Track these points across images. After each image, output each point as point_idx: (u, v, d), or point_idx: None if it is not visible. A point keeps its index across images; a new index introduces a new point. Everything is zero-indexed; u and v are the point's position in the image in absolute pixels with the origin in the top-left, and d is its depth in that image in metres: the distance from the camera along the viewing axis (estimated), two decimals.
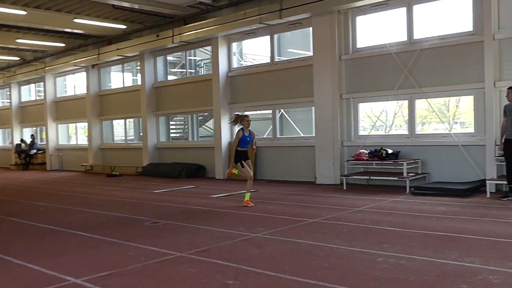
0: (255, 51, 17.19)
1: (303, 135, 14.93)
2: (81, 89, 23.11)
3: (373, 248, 5.93)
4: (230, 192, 12.03)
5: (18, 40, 19.42)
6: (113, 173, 19.20)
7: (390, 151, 12.01)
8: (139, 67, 19.52)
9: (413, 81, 11.99)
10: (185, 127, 19.32)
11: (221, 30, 15.28)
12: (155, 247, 6.33)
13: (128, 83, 21.27)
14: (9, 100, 27.65)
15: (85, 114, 22.04)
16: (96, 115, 21.85)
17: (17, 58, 24.14)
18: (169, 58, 19.60)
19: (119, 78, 21.60)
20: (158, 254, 5.94)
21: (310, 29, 13.84)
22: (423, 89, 11.89)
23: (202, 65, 19.19)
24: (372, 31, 12.95)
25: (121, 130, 21.95)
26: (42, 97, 25.17)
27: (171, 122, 19.78)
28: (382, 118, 13.54)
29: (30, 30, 19.05)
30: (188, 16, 16.31)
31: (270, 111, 15.51)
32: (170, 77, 19.68)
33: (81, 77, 22.98)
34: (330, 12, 12.97)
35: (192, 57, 19.00)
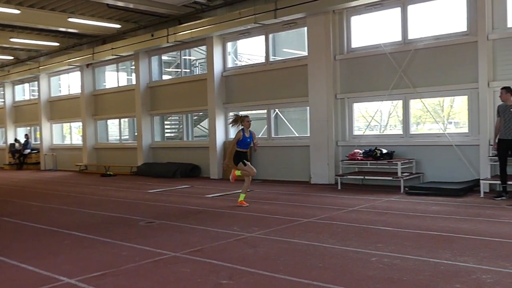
0: (250, 50, 17.19)
1: (298, 135, 14.94)
2: (76, 89, 23.03)
3: (367, 247, 5.94)
4: (225, 192, 12.02)
5: (12, 39, 19.34)
6: (108, 173, 19.15)
7: (384, 151, 12.04)
8: (133, 67, 19.49)
9: (408, 81, 12.03)
10: (180, 126, 19.29)
11: (216, 29, 15.26)
12: (149, 247, 6.32)
13: (123, 82, 21.22)
14: (2, 100, 27.51)
15: (80, 114, 21.97)
16: (91, 115, 21.79)
17: (11, 57, 24.02)
18: (164, 57, 19.57)
19: (113, 78, 21.55)
20: (152, 254, 5.92)
21: (305, 29, 13.84)
22: (418, 89, 11.93)
23: (197, 65, 19.16)
24: (367, 31, 12.97)
25: (116, 130, 21.90)
26: (36, 96, 25.09)
27: (165, 122, 19.75)
28: (376, 118, 13.56)
29: (24, 29, 18.97)
30: (183, 15, 16.28)
31: (265, 111, 15.51)
32: (165, 77, 19.64)
33: (75, 76, 22.92)
34: (325, 12, 12.99)
35: (187, 57, 18.98)
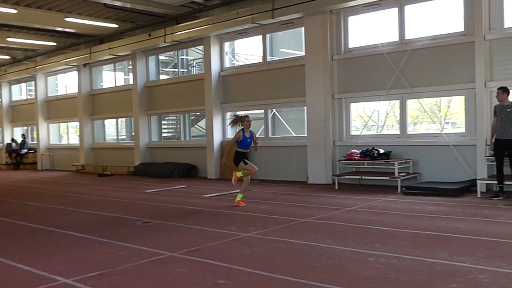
0: (248, 50, 17.18)
1: (295, 135, 14.95)
2: (73, 89, 22.99)
3: (364, 247, 5.94)
4: (222, 192, 12.02)
5: (9, 39, 19.29)
6: (105, 172, 19.12)
7: (381, 151, 12.05)
8: (131, 67, 19.46)
9: (405, 81, 12.04)
10: (177, 126, 19.27)
11: (213, 29, 15.26)
12: (146, 247, 6.31)
13: (120, 82, 21.18)
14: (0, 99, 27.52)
15: (77, 114, 21.93)
16: (88, 115, 21.75)
17: (8, 57, 23.96)
18: (161, 57, 19.54)
19: (111, 78, 21.51)
20: (149, 254, 5.92)
21: (302, 29, 13.83)
22: (415, 89, 11.94)
23: (194, 65, 19.15)
24: (364, 31, 12.98)
25: (113, 130, 21.87)
26: (33, 96, 25.02)
27: (163, 122, 19.72)
28: (374, 118, 13.58)
29: (20, 29, 18.91)
30: (180, 15, 16.26)
31: (262, 111, 15.51)
32: (162, 77, 19.62)
33: (72, 76, 22.87)
34: (322, 12, 12.99)
35: (184, 57, 18.97)
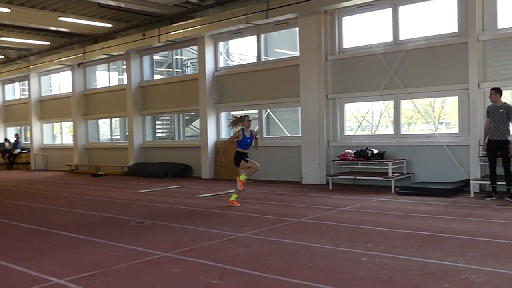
0: (242, 51, 17.18)
1: (289, 135, 14.96)
2: (66, 88, 22.89)
3: (357, 247, 5.96)
4: (216, 192, 12.01)
5: (2, 38, 19.21)
6: (99, 172, 19.07)
7: (375, 151, 12.08)
8: (125, 66, 19.40)
9: (399, 82, 12.07)
10: (171, 126, 19.24)
11: (207, 29, 15.24)
12: (140, 247, 6.30)
13: (114, 82, 21.12)
14: None
15: (71, 113, 21.85)
16: (82, 115, 21.67)
17: (1, 56, 23.87)
18: (156, 57, 19.50)
19: (105, 77, 21.46)
20: (142, 254, 5.90)
21: (297, 29, 13.86)
22: (409, 90, 11.98)
23: (189, 65, 19.12)
24: (358, 32, 13.02)
25: (107, 130, 21.82)
26: (27, 96, 24.90)
27: (157, 122, 19.68)
28: (368, 118, 13.61)
29: (14, 28, 18.82)
30: (174, 15, 16.24)
31: (256, 111, 15.50)
32: (157, 77, 19.59)
33: (66, 76, 22.78)
34: (316, 13, 13.01)
35: (179, 57, 18.94)
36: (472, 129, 10.91)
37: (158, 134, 19.77)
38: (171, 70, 18.79)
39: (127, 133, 19.61)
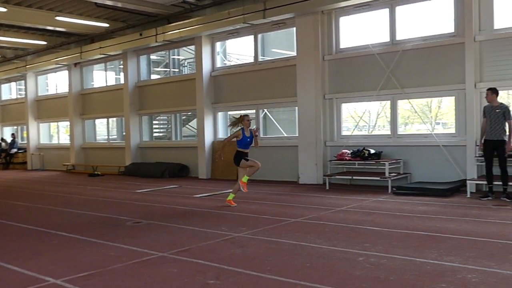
0: (239, 50, 17.18)
1: (286, 135, 14.97)
2: (63, 88, 22.85)
3: (354, 247, 5.96)
4: (213, 192, 12.01)
5: None
6: (95, 172, 19.03)
7: (372, 151, 12.10)
8: (122, 66, 19.38)
9: (396, 82, 12.09)
10: (168, 126, 19.22)
11: (204, 29, 15.23)
12: (136, 247, 6.29)
13: (111, 82, 21.09)
14: None
15: (67, 113, 21.81)
16: (78, 114, 21.64)
17: None
18: (153, 57, 19.49)
19: (101, 77, 21.42)
20: (139, 254, 5.90)
21: (294, 29, 13.86)
22: (405, 90, 12.00)
23: (186, 64, 19.10)
24: (355, 32, 13.03)
25: (104, 130, 21.78)
26: (23, 95, 24.84)
27: (154, 122, 19.66)
28: (365, 118, 13.62)
29: (10, 28, 18.77)
30: (171, 15, 16.22)
31: (253, 111, 15.50)
32: (154, 76, 19.58)
33: (63, 75, 22.74)
34: (313, 13, 13.01)
35: (176, 56, 18.93)
36: (468, 129, 10.94)
37: (155, 134, 19.76)
38: (168, 70, 18.78)
39: (124, 133, 19.57)
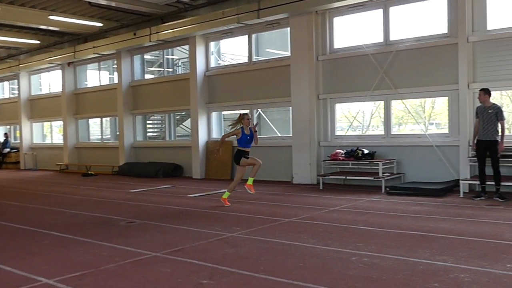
0: (233, 50, 17.17)
1: (280, 135, 14.98)
2: (57, 87, 22.75)
3: (347, 247, 5.98)
4: (207, 192, 11.99)
5: None
6: (89, 172, 18.97)
7: (366, 151, 12.13)
8: (115, 66, 19.33)
9: (389, 82, 12.12)
10: (162, 126, 19.19)
11: (198, 29, 15.20)
12: (129, 247, 6.27)
13: (105, 81, 21.00)
14: None
15: (61, 113, 21.72)
16: (72, 114, 21.55)
17: None
18: (146, 56, 19.45)
19: (95, 77, 21.33)
20: (132, 254, 5.88)
21: (288, 29, 13.86)
22: (399, 90, 12.03)
23: (180, 64, 19.07)
24: (349, 32, 13.05)
25: (97, 129, 21.70)
26: (16, 95, 24.70)
27: (148, 121, 19.61)
28: (359, 118, 13.66)
29: (3, 27, 18.64)
30: (165, 14, 16.19)
31: (247, 111, 15.48)
32: (147, 76, 19.53)
33: (56, 75, 22.63)
34: (307, 13, 13.03)
35: (170, 56, 18.89)
36: (461, 130, 10.99)
37: (149, 134, 19.71)
38: (162, 69, 18.75)
39: (117, 133, 19.52)
